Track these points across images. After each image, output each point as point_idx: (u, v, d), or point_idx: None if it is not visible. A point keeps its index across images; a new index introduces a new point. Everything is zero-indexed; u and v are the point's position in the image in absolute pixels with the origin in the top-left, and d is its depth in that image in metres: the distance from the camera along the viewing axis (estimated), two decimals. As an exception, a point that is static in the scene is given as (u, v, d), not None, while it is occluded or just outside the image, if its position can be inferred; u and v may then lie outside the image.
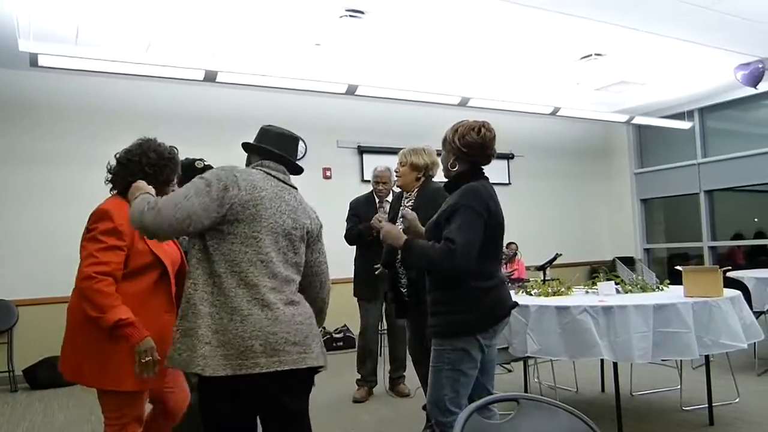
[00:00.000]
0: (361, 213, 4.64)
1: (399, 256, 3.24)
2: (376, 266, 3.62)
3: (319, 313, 2.24)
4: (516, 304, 2.60)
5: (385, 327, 4.87)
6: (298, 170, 2.27)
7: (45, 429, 4.28)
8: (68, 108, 6.03)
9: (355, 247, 4.73)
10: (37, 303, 5.70)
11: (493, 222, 2.41)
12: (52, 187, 5.90)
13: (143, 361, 2.16)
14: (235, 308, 1.91)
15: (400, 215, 3.25)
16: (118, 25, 4.94)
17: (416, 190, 3.53)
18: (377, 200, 4.69)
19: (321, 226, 2.24)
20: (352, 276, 4.70)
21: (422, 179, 3.53)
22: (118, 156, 2.47)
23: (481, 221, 2.35)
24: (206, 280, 1.95)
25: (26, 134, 5.87)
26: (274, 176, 2.12)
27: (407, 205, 3.55)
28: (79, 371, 2.29)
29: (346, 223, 4.70)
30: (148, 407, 2.49)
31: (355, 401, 4.55)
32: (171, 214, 1.87)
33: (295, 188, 2.20)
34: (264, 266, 1.98)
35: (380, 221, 4.44)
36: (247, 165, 2.21)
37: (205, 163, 3.13)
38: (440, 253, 2.30)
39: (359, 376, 4.71)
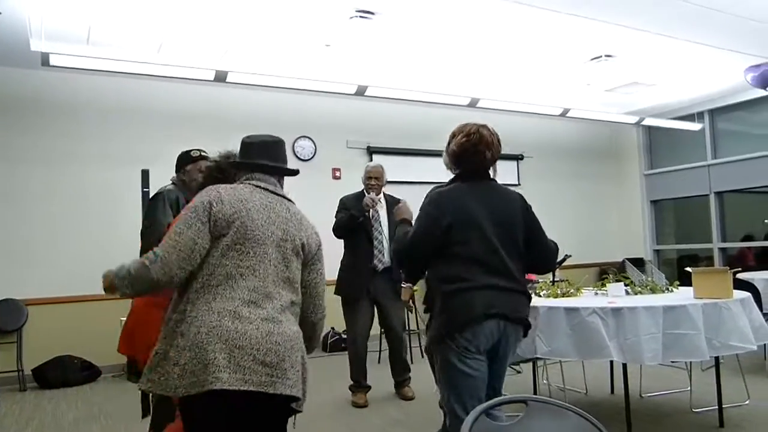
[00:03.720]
0: (351, 208, 4.59)
1: None
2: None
3: (310, 340, 2.09)
4: (497, 313, 2.36)
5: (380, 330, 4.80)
6: (292, 172, 2.18)
7: (54, 428, 4.30)
8: (79, 108, 6.07)
9: (343, 245, 4.66)
10: (47, 302, 5.74)
11: (458, 227, 2.38)
12: (61, 187, 5.93)
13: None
14: (204, 321, 1.79)
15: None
16: (130, 25, 4.97)
17: None
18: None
19: (320, 245, 2.10)
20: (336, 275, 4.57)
21: None
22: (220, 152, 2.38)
23: (430, 222, 2.41)
24: (180, 299, 1.88)
25: (37, 134, 5.91)
26: (263, 188, 2.03)
27: None
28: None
29: (335, 217, 4.61)
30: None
31: (358, 406, 4.46)
32: (175, 257, 1.82)
33: (290, 201, 2.10)
34: (243, 279, 1.85)
35: (372, 200, 4.47)
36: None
37: (202, 153, 3.13)
38: (402, 235, 2.51)
39: (351, 383, 4.58)
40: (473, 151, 2.48)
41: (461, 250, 2.38)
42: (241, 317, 1.80)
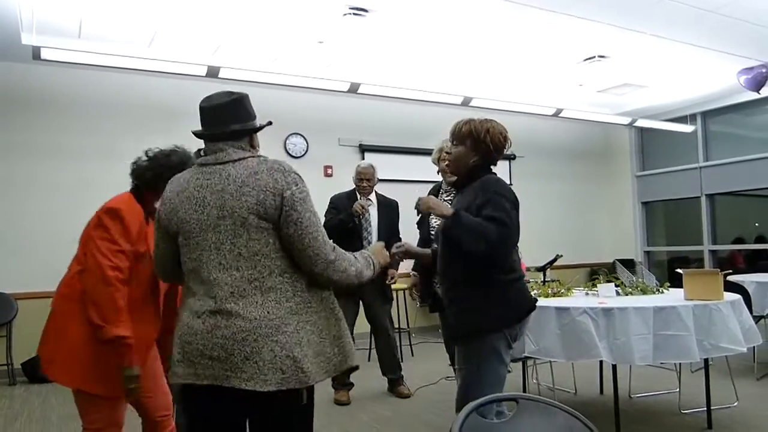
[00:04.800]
0: (341, 207, 4.58)
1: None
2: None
3: (337, 285, 1.88)
4: (536, 300, 2.57)
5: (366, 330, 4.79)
6: (255, 126, 1.94)
7: (42, 423, 4.27)
8: (70, 102, 6.02)
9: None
10: (37, 297, 5.66)
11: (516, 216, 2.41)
12: (53, 181, 5.89)
13: (129, 387, 2.20)
14: (180, 317, 1.86)
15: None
16: (122, 19, 4.94)
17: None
18: (359, 197, 4.66)
19: (281, 194, 1.75)
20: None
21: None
22: (148, 151, 2.42)
23: (516, 208, 2.39)
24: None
25: (28, 128, 5.86)
26: (204, 164, 1.85)
27: (446, 199, 3.48)
28: (51, 366, 2.30)
29: (324, 218, 4.56)
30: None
31: (340, 404, 4.44)
32: (157, 270, 2.03)
33: (239, 159, 1.82)
34: (194, 273, 1.81)
35: (362, 207, 4.46)
36: None
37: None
38: (492, 228, 2.25)
39: (334, 381, 4.49)
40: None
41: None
42: (193, 312, 1.79)
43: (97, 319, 2.13)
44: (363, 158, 7.43)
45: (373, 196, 4.73)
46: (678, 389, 4.20)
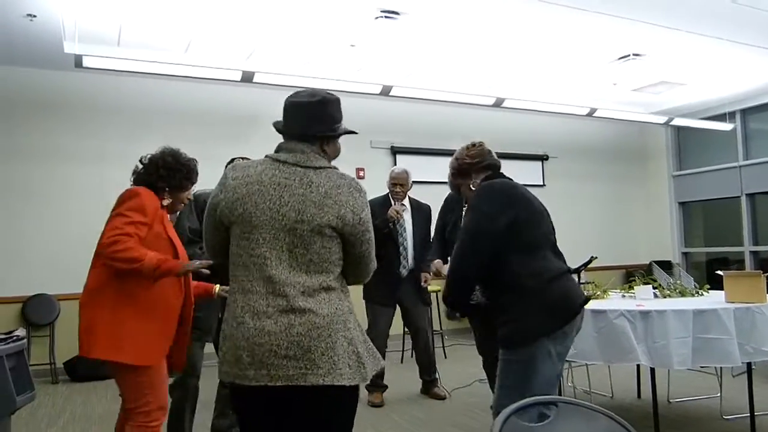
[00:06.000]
0: (376, 214, 4.60)
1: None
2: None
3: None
4: (588, 298, 2.39)
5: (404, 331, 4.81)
6: (325, 132, 1.89)
7: (85, 420, 4.39)
8: (110, 108, 6.19)
9: None
10: (78, 297, 5.84)
11: (523, 215, 2.31)
12: (95, 184, 6.03)
13: (190, 268, 2.40)
14: (234, 316, 1.79)
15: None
16: (159, 26, 5.05)
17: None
18: (393, 203, 4.67)
19: (359, 213, 1.83)
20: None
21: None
22: (142, 158, 2.64)
23: (487, 221, 2.29)
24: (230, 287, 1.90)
25: (72, 133, 6.05)
26: (282, 161, 1.83)
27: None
28: (88, 345, 2.35)
29: None
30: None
31: (374, 405, 4.47)
32: (208, 252, 1.97)
33: (321, 168, 1.83)
34: (257, 269, 1.77)
35: (397, 212, 4.48)
36: None
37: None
38: (449, 273, 2.41)
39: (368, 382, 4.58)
40: (488, 151, 2.60)
41: (529, 239, 2.36)
42: (258, 312, 1.74)
43: (128, 266, 2.26)
44: (395, 160, 7.45)
45: (406, 201, 4.74)
46: (719, 394, 4.10)
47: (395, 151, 7.53)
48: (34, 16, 4.65)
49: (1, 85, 5.83)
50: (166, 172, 2.54)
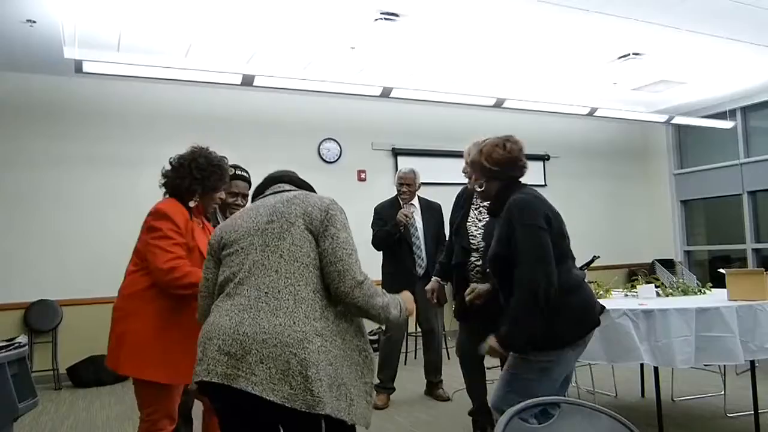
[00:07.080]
0: (386, 217, 4.63)
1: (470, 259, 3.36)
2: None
3: (361, 313, 1.83)
4: (603, 308, 2.48)
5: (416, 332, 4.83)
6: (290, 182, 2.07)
7: (88, 426, 4.39)
8: (110, 112, 6.19)
9: (382, 256, 4.69)
10: (81, 303, 5.85)
11: (555, 226, 2.33)
12: (96, 190, 6.06)
13: None
14: (207, 320, 1.84)
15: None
16: (159, 31, 5.06)
17: None
18: (402, 204, 4.67)
19: (327, 211, 1.85)
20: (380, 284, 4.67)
21: None
22: (171, 160, 2.54)
23: (544, 233, 2.26)
24: None
25: (72, 139, 6.04)
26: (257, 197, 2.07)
27: (482, 205, 3.38)
28: (117, 360, 2.35)
29: (371, 229, 4.67)
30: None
31: (377, 408, 4.40)
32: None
33: (289, 190, 1.99)
34: (232, 276, 1.82)
35: (406, 216, 4.48)
36: None
37: (237, 171, 3.14)
38: (524, 303, 2.21)
39: (377, 382, 4.52)
40: (520, 157, 2.55)
41: (555, 254, 2.35)
42: (223, 311, 1.76)
43: (189, 291, 2.22)
44: (396, 162, 7.45)
45: (415, 201, 4.73)
46: (723, 392, 4.10)
47: (397, 153, 7.53)
48: (34, 21, 4.66)
49: (0, 91, 5.84)
50: (200, 174, 2.46)
